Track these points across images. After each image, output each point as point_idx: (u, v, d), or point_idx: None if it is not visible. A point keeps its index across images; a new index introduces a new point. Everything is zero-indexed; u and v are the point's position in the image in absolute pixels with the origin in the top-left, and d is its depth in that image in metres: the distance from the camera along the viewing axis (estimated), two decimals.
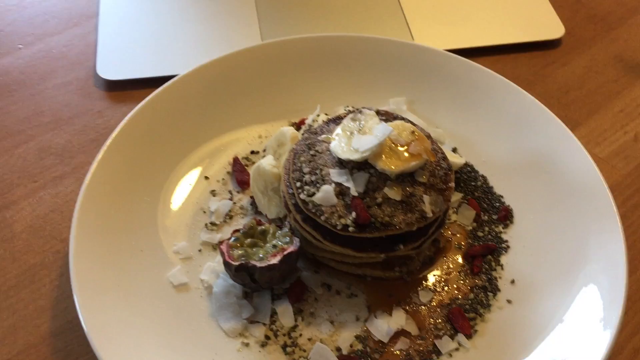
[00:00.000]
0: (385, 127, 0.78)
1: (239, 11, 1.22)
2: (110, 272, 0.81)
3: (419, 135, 0.81)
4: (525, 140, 0.97)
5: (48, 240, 0.91)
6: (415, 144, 0.79)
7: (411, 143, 0.79)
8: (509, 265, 0.88)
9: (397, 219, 0.77)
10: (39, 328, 0.83)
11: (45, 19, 1.23)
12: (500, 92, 1.01)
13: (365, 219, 0.76)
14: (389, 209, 0.77)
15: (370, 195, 0.78)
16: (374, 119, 0.81)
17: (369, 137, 0.78)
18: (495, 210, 0.93)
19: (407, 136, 0.80)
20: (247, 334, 0.81)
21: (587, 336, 0.76)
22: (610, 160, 1.03)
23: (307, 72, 1.05)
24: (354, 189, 0.77)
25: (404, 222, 0.77)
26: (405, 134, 0.80)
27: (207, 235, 0.89)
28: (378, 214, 0.77)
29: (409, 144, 0.79)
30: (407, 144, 0.79)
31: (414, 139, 0.80)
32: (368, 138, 0.78)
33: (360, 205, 0.76)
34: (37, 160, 1.00)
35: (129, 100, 1.08)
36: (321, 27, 1.20)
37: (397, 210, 0.77)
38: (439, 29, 1.20)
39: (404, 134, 0.80)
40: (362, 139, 0.78)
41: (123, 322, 0.78)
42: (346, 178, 0.78)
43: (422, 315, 0.83)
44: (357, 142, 0.79)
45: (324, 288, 0.85)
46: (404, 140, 0.79)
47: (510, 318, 0.82)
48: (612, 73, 1.16)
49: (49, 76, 1.13)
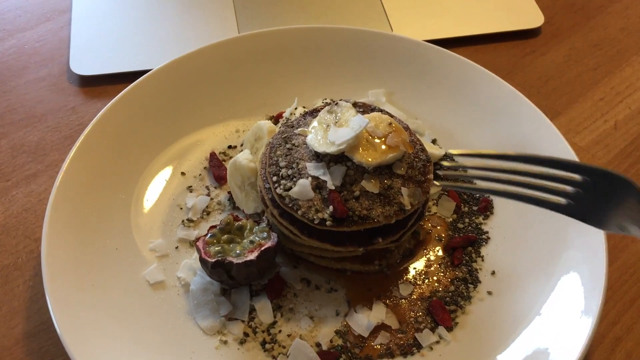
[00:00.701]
0: (362, 119, 0.77)
1: (216, 4, 1.20)
2: (85, 272, 0.80)
3: (396, 127, 0.80)
4: (505, 130, 0.96)
5: (21, 240, 0.89)
6: (392, 136, 0.78)
7: (388, 135, 0.78)
8: (489, 257, 0.87)
9: (375, 212, 0.76)
10: (13, 330, 0.81)
11: (17, 14, 1.20)
12: (480, 83, 1.00)
13: (342, 213, 0.75)
14: (367, 202, 0.76)
15: (348, 188, 0.77)
16: (351, 111, 0.80)
17: (345, 129, 0.77)
18: (475, 201, 0.93)
19: (384, 128, 0.79)
20: (225, 331, 0.80)
21: (568, 326, 0.76)
22: (591, 149, 1.03)
23: (285, 64, 1.04)
24: (331, 183, 0.76)
25: (382, 215, 0.76)
26: (383, 125, 0.79)
27: (183, 232, 0.88)
28: (356, 207, 0.76)
29: (386, 135, 0.78)
30: (385, 136, 0.78)
31: (391, 131, 0.79)
32: (344, 131, 0.77)
33: (337, 199, 0.75)
34: (10, 159, 0.98)
35: (103, 95, 1.06)
36: (299, 19, 1.18)
37: (375, 203, 0.76)
38: (418, 19, 1.18)
39: (381, 126, 0.79)
40: (339, 132, 0.77)
41: (98, 322, 0.76)
42: (323, 172, 0.77)
43: (403, 309, 0.82)
44: (334, 134, 0.77)
45: (303, 283, 0.84)
46: (381, 133, 0.78)
47: (491, 309, 0.82)
48: (592, 62, 1.16)
49: (21, 72, 1.11)
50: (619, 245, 0.91)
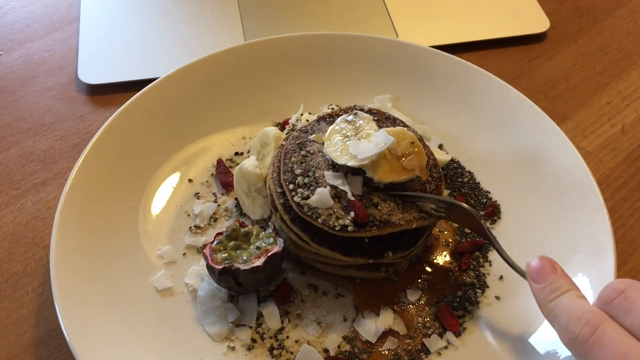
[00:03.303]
0: (386, 137, 0.76)
1: (222, 12, 1.21)
2: (93, 279, 0.80)
3: (418, 149, 0.79)
4: (511, 135, 0.96)
5: (30, 247, 0.90)
6: (411, 159, 0.77)
7: (407, 156, 0.78)
8: (496, 261, 0.87)
9: (395, 216, 0.76)
10: (22, 337, 0.81)
11: (26, 25, 1.21)
12: (486, 88, 1.00)
13: (364, 218, 0.75)
14: (387, 209, 0.76)
15: (366, 197, 0.77)
16: (371, 124, 0.80)
17: (368, 144, 0.77)
18: (482, 206, 0.92)
19: (405, 147, 0.78)
20: (233, 337, 0.80)
21: None
22: (598, 153, 1.02)
23: (291, 71, 1.04)
24: (351, 194, 0.76)
25: (403, 220, 0.76)
26: (404, 144, 0.78)
27: (191, 239, 0.88)
28: (376, 214, 0.76)
29: (406, 156, 0.78)
30: (404, 156, 0.78)
31: (412, 152, 0.78)
32: (367, 145, 0.77)
33: (358, 205, 0.75)
34: (19, 167, 0.99)
35: (111, 104, 1.07)
36: (305, 25, 1.19)
37: (394, 210, 0.77)
38: (424, 25, 1.19)
39: (402, 144, 0.78)
40: (360, 145, 0.77)
41: (106, 329, 0.76)
42: (342, 181, 0.77)
43: (410, 314, 0.82)
44: (355, 148, 0.77)
45: (310, 289, 0.84)
46: (401, 152, 0.78)
47: (499, 314, 0.82)
48: (598, 66, 1.16)
49: (30, 82, 1.12)
50: (628, 249, 0.90)
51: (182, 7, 1.22)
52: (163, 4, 1.23)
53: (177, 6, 1.22)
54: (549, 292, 0.64)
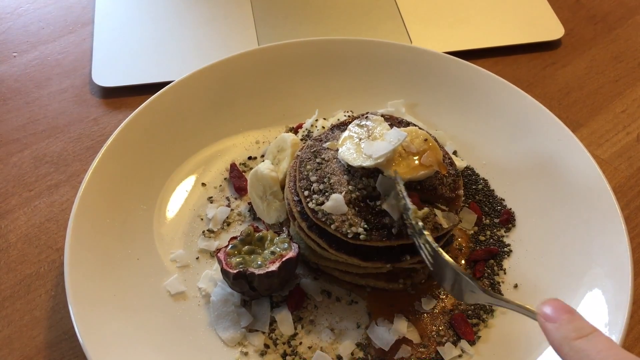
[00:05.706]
0: (399, 133, 0.76)
1: (235, 16, 1.21)
2: (106, 282, 0.80)
3: (432, 144, 0.79)
4: (526, 142, 0.96)
5: (43, 249, 0.90)
6: (427, 155, 0.77)
7: (423, 152, 0.77)
8: (511, 270, 0.86)
9: None
10: (35, 339, 0.81)
11: (40, 27, 1.22)
12: (500, 94, 0.99)
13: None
14: None
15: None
16: (384, 124, 0.80)
17: (382, 142, 0.76)
18: (496, 213, 0.92)
19: (419, 144, 0.78)
20: (246, 342, 0.79)
21: None
22: (613, 162, 1.02)
23: (305, 76, 1.04)
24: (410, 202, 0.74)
25: None
26: (418, 141, 0.78)
27: (204, 243, 0.88)
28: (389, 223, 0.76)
29: (421, 152, 0.77)
30: (419, 153, 0.77)
31: (426, 148, 0.78)
32: (380, 144, 0.76)
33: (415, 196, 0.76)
34: (33, 169, 0.99)
35: (125, 107, 1.07)
36: (318, 30, 1.19)
37: None
38: (437, 31, 1.19)
39: (416, 142, 0.78)
40: (374, 145, 0.77)
41: (119, 332, 0.76)
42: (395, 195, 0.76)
43: (424, 323, 0.81)
44: (369, 148, 0.77)
45: (323, 295, 0.84)
46: (416, 149, 0.78)
47: (514, 323, 0.81)
48: (613, 73, 1.15)
49: (44, 84, 1.12)
50: None
51: (195, 11, 1.22)
52: (177, 8, 1.23)
53: (191, 10, 1.23)
54: (570, 329, 0.57)
